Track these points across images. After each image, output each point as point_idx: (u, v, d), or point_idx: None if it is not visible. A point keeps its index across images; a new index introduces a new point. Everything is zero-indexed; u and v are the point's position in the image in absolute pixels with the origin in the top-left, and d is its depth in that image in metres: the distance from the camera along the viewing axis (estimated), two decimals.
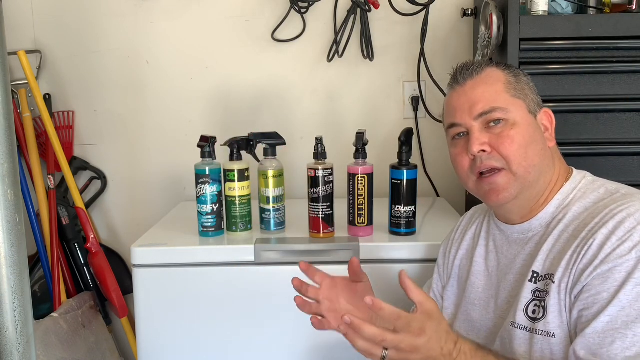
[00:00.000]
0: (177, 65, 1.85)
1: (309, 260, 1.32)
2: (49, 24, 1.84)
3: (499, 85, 0.97)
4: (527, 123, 0.96)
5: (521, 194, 0.95)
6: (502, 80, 0.98)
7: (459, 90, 1.00)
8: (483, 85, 0.98)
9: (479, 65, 1.00)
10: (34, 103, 1.76)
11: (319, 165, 1.34)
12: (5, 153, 0.66)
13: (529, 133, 0.95)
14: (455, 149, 1.01)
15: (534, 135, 0.96)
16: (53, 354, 1.58)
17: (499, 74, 0.99)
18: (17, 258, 0.68)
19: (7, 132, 0.66)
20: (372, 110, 1.85)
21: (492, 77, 0.98)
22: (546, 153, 0.97)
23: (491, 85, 0.97)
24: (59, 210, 1.81)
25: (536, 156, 0.95)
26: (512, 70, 1.00)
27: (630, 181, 1.42)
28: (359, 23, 1.77)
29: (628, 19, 1.35)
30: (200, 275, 1.33)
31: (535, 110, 0.98)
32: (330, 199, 1.36)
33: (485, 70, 0.99)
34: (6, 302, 0.67)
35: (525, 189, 0.95)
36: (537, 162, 0.95)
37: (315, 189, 1.35)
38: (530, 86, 1.00)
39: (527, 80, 1.01)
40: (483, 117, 0.96)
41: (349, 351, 1.34)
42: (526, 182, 0.94)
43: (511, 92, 0.97)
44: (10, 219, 0.66)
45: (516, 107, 0.96)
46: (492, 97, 0.96)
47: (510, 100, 0.96)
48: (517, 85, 0.98)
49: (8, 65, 0.69)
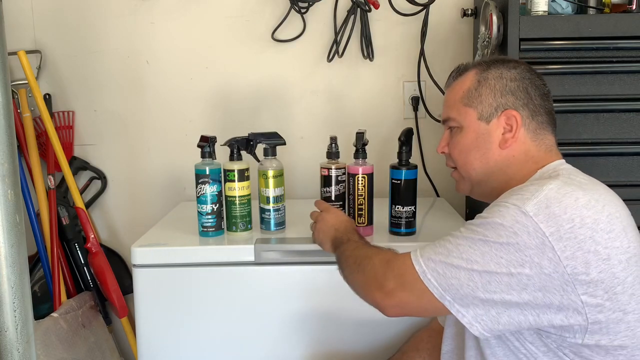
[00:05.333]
0: (177, 65, 1.85)
1: (309, 260, 1.33)
2: (49, 24, 1.84)
3: (460, 93, 1.08)
4: (473, 130, 1.06)
5: (474, 189, 1.10)
6: (464, 88, 1.07)
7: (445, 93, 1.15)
8: (451, 92, 1.11)
9: (464, 69, 1.10)
10: (34, 103, 1.76)
11: (332, 165, 1.35)
12: (5, 153, 0.66)
13: (470, 139, 1.06)
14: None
15: (477, 142, 1.06)
16: (53, 354, 1.58)
17: (468, 80, 1.08)
18: (17, 258, 0.68)
19: (7, 132, 0.66)
20: (372, 110, 1.85)
21: (461, 84, 1.09)
22: (491, 156, 1.05)
23: (455, 93, 1.09)
24: (59, 210, 1.81)
25: (476, 160, 1.06)
26: (486, 71, 1.06)
27: (630, 181, 1.42)
28: (359, 23, 1.77)
29: (628, 19, 1.35)
30: (200, 275, 1.33)
31: (489, 115, 1.04)
32: (342, 198, 1.37)
33: (462, 76, 1.10)
34: (6, 302, 0.67)
35: (476, 186, 1.09)
36: (477, 165, 1.06)
37: (328, 188, 1.36)
38: (496, 89, 1.04)
39: (495, 82, 1.05)
40: (445, 123, 1.12)
41: (350, 351, 1.35)
42: (473, 181, 1.08)
43: (465, 100, 1.07)
44: (10, 219, 0.67)
45: (465, 115, 1.07)
46: (450, 106, 1.10)
47: (462, 109, 1.07)
48: (475, 92, 1.06)
49: (8, 65, 0.69)
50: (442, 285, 0.89)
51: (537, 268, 0.84)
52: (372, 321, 1.32)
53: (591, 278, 0.84)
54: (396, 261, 0.97)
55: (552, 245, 0.84)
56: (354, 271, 1.06)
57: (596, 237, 0.85)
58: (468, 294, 0.87)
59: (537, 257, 0.84)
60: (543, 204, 0.86)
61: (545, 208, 0.86)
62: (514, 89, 1.04)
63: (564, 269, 0.84)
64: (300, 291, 1.33)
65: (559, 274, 0.84)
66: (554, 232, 0.84)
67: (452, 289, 0.88)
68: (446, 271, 0.89)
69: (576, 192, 0.88)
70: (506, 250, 0.85)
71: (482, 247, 0.87)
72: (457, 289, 0.88)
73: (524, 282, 0.85)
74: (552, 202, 0.86)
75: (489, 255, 0.86)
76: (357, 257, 1.06)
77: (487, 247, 0.87)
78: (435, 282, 0.89)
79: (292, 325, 1.34)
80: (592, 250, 0.84)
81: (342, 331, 1.34)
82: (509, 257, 0.85)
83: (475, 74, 1.07)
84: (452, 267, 0.89)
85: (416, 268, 0.92)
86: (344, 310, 1.33)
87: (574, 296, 0.84)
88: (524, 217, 0.86)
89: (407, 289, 0.92)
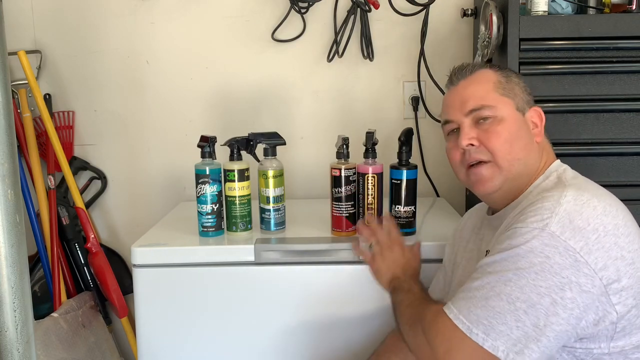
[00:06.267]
0: (177, 65, 1.85)
1: (309, 260, 1.33)
2: (49, 24, 1.84)
3: (489, 84, 1.05)
4: (514, 119, 1.03)
5: (505, 184, 1.03)
6: (493, 80, 1.05)
7: (453, 90, 1.09)
8: (474, 85, 1.06)
9: (472, 67, 1.08)
10: (34, 103, 1.76)
11: (342, 165, 1.35)
12: (5, 153, 0.66)
13: (514, 129, 1.02)
14: (449, 143, 1.11)
15: (520, 131, 1.03)
16: (53, 354, 1.58)
17: (490, 74, 1.07)
18: (17, 258, 0.68)
19: (7, 132, 0.66)
20: (372, 110, 1.85)
21: (484, 77, 1.06)
22: (531, 148, 1.03)
23: (482, 85, 1.05)
24: (59, 210, 1.81)
25: (520, 150, 1.02)
26: (504, 71, 1.07)
27: (630, 181, 1.42)
28: (359, 23, 1.77)
29: (628, 19, 1.35)
30: (200, 275, 1.33)
31: (523, 108, 1.05)
32: (353, 198, 1.36)
33: (478, 71, 1.07)
34: (6, 302, 0.67)
35: (508, 181, 1.02)
36: (521, 155, 1.02)
37: (338, 189, 1.35)
38: (521, 86, 1.07)
39: (518, 80, 1.07)
40: (473, 113, 1.04)
41: (350, 350, 1.35)
42: (509, 174, 1.02)
43: (500, 90, 1.04)
44: (10, 219, 0.67)
45: (504, 104, 1.03)
46: (482, 95, 1.04)
47: (499, 98, 1.03)
48: (506, 85, 1.05)
49: (8, 65, 0.69)
50: (492, 335, 0.84)
51: (576, 287, 0.82)
52: (372, 321, 1.32)
53: (622, 285, 0.84)
54: (436, 324, 0.91)
55: (584, 260, 0.82)
56: (407, 331, 1.02)
57: (620, 242, 0.85)
58: (520, 338, 0.83)
59: (574, 276, 0.82)
60: (566, 220, 0.85)
61: (569, 223, 0.84)
62: (529, 90, 1.08)
63: (600, 281, 0.83)
64: (300, 291, 1.33)
65: (596, 288, 0.83)
66: (584, 246, 0.83)
67: (502, 337, 0.83)
68: (492, 320, 0.84)
69: (591, 200, 0.88)
70: (543, 276, 0.83)
71: (518, 282, 0.84)
72: (508, 335, 0.83)
73: (570, 306, 0.83)
74: (573, 215, 0.85)
75: (527, 287, 0.83)
76: (412, 316, 1.01)
77: (524, 280, 0.83)
78: (484, 335, 0.84)
79: (291, 325, 1.34)
80: (619, 256, 0.84)
81: (342, 331, 1.34)
82: (548, 283, 0.82)
83: (494, 71, 1.07)
84: (496, 314, 0.84)
85: (459, 326, 0.86)
86: (344, 310, 1.32)
87: (608, 307, 0.84)
88: (551, 238, 0.84)
89: (459, 350, 0.87)
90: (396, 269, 1.21)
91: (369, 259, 1.27)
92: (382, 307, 1.29)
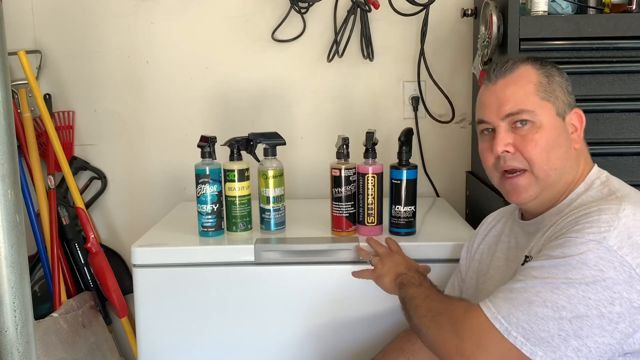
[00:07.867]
0: (177, 65, 1.85)
1: (309, 260, 1.33)
2: (49, 24, 1.84)
3: (530, 86, 0.98)
4: (553, 126, 0.97)
5: (541, 194, 0.99)
6: (534, 81, 0.99)
7: (491, 88, 1.02)
8: (513, 86, 0.99)
9: (513, 63, 1.01)
10: (34, 103, 1.76)
11: (342, 165, 1.35)
12: (5, 153, 0.66)
13: (553, 137, 0.97)
14: (482, 143, 1.06)
15: (559, 139, 0.98)
16: (53, 354, 1.58)
17: (532, 73, 0.99)
18: (17, 258, 0.68)
19: (7, 132, 0.66)
20: (372, 110, 1.85)
21: (524, 77, 0.99)
22: (570, 155, 0.99)
23: (521, 87, 0.98)
24: (59, 210, 1.81)
25: (558, 159, 0.97)
26: (546, 69, 1.01)
27: (630, 181, 1.42)
28: (359, 23, 1.77)
29: (628, 19, 1.35)
30: (200, 275, 1.33)
31: (564, 112, 0.99)
32: (353, 198, 1.36)
33: (518, 69, 1.00)
34: (6, 302, 0.67)
35: (545, 190, 0.98)
36: (559, 165, 0.97)
37: (338, 189, 1.35)
38: (563, 86, 1.00)
39: (560, 80, 1.01)
40: (510, 117, 0.98)
41: (350, 351, 1.35)
42: (546, 184, 0.98)
43: (541, 94, 0.98)
44: (10, 219, 0.67)
45: (544, 109, 0.97)
46: (521, 99, 0.98)
47: (539, 103, 0.97)
48: (548, 87, 0.98)
49: (8, 65, 0.69)
50: (532, 340, 0.82)
51: (627, 303, 0.81)
52: (373, 320, 1.32)
53: None
54: (470, 319, 0.89)
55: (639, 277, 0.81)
56: (426, 325, 0.98)
57: None
58: (560, 346, 0.81)
59: (627, 292, 0.81)
60: (625, 235, 0.83)
61: (627, 239, 0.83)
62: (570, 89, 1.02)
63: None
64: (300, 291, 1.33)
65: None
66: None
67: (543, 343, 0.81)
68: (533, 325, 0.82)
69: None
70: (593, 289, 0.81)
71: (566, 291, 0.82)
72: (548, 342, 0.81)
73: (615, 320, 0.81)
74: (633, 231, 0.83)
75: (576, 298, 0.81)
76: (434, 309, 0.99)
77: (573, 290, 0.81)
78: (522, 339, 0.82)
79: (291, 325, 1.34)
80: None
81: (343, 331, 1.34)
82: (598, 297, 0.81)
83: (535, 69, 1.00)
84: (538, 319, 0.82)
85: (497, 326, 0.84)
86: (344, 310, 1.32)
87: None
88: (607, 252, 0.82)
89: (489, 350, 0.85)
90: (398, 267, 1.20)
91: (370, 272, 1.26)
92: (382, 307, 1.30)
